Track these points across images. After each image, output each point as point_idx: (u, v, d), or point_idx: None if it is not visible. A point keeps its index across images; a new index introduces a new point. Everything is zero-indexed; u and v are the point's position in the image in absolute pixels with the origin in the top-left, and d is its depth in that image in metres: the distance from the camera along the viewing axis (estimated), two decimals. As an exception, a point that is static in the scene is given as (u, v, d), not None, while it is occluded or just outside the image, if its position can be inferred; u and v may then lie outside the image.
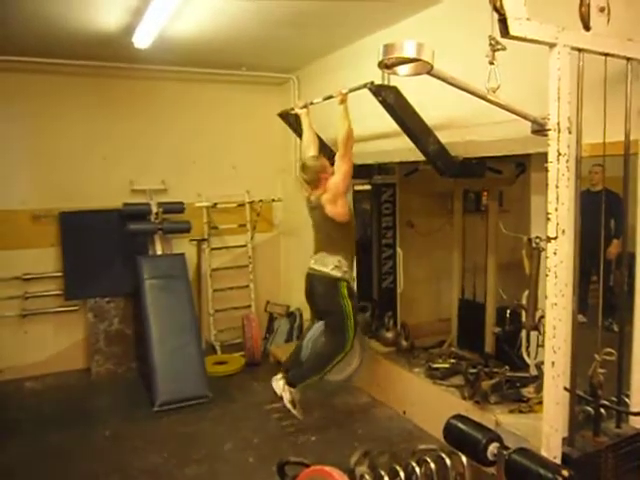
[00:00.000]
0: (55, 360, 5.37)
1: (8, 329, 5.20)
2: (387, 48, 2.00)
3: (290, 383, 3.93)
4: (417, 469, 2.85)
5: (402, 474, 2.80)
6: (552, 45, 2.18)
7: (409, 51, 1.96)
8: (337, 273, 3.88)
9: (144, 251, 5.47)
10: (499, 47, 2.12)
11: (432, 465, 2.86)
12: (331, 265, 3.89)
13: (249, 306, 6.10)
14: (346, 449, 3.45)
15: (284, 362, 4.45)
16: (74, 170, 5.37)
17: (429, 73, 2.05)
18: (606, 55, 2.38)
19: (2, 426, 4.24)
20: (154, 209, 5.44)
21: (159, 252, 5.46)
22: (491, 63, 2.17)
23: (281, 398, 3.92)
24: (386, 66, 2.12)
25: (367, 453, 3.11)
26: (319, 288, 3.99)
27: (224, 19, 4.00)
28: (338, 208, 3.85)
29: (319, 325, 4.16)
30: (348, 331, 3.90)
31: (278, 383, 3.96)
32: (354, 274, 4.20)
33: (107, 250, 5.43)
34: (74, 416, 4.41)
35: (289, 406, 3.89)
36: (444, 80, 2.13)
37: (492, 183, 4.57)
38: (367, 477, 2.81)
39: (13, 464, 3.68)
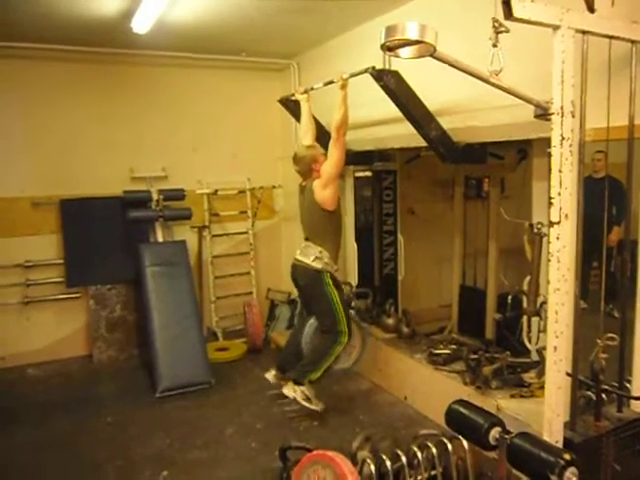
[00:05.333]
0: (57, 347, 5.39)
1: (10, 316, 5.22)
2: (389, 30, 1.98)
3: (296, 382, 3.95)
4: (419, 454, 2.86)
5: (404, 459, 2.82)
6: (556, 27, 2.15)
7: (412, 33, 1.93)
8: (318, 265, 3.89)
9: (145, 238, 5.48)
10: (502, 29, 2.10)
11: (434, 450, 2.87)
12: (312, 256, 3.91)
13: (250, 293, 6.10)
14: (348, 434, 3.48)
15: (277, 360, 4.47)
16: (74, 157, 5.35)
17: (432, 55, 2.03)
18: (610, 38, 2.36)
19: (5, 413, 4.26)
20: (155, 196, 5.43)
21: (160, 239, 5.45)
22: (494, 46, 2.14)
23: (295, 399, 3.92)
24: (388, 48, 2.10)
25: (369, 438, 3.13)
26: (303, 279, 4.02)
27: (223, 4, 3.96)
28: (327, 194, 3.84)
29: (312, 322, 4.17)
30: (340, 321, 3.92)
31: (287, 390, 3.95)
32: (339, 266, 4.19)
33: (108, 237, 5.43)
34: (76, 403, 4.43)
35: (305, 404, 3.90)
36: (447, 63, 2.11)
37: (494, 169, 4.56)
38: (369, 462, 2.83)
39: (16, 451, 3.70)
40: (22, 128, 5.17)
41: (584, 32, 2.28)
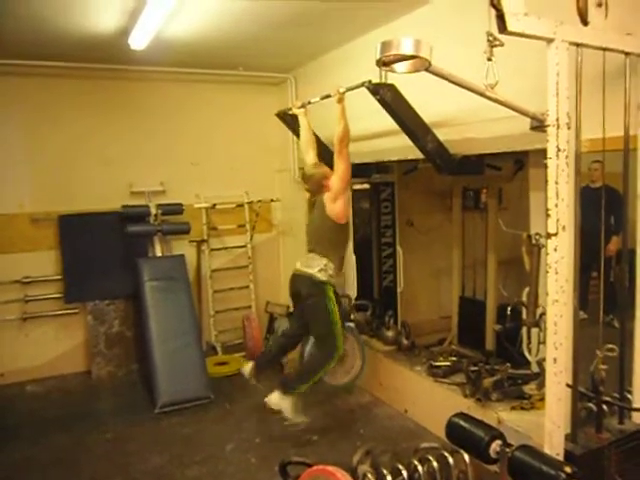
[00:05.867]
0: (56, 363, 5.36)
1: (9, 332, 5.20)
2: (385, 45, 1.99)
3: (284, 392, 3.89)
4: (419, 467, 2.85)
5: (405, 473, 2.80)
6: (550, 40, 2.17)
7: (407, 48, 1.95)
8: (322, 276, 3.86)
9: (144, 253, 5.47)
10: (497, 43, 2.12)
11: (434, 463, 2.85)
12: (317, 267, 3.88)
13: (249, 307, 6.09)
14: (348, 448, 3.45)
15: (258, 357, 4.43)
16: (72, 173, 5.37)
17: (427, 70, 2.04)
18: (604, 50, 2.37)
19: (3, 429, 4.23)
20: (153, 211, 5.43)
21: (159, 254, 5.45)
22: (489, 59, 2.16)
23: (280, 411, 3.86)
24: (384, 63, 2.11)
25: (369, 452, 3.11)
26: (304, 290, 3.95)
27: (220, 20, 3.99)
28: (338, 207, 3.86)
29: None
30: (336, 337, 3.87)
31: (271, 398, 3.89)
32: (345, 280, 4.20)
33: (107, 252, 5.42)
34: (75, 419, 4.40)
35: (290, 416, 3.86)
36: (442, 77, 2.12)
37: (491, 180, 4.57)
38: (369, 476, 2.81)
39: (15, 468, 3.67)
40: (21, 144, 5.18)
41: (578, 44, 2.30)
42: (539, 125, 2.27)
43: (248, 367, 4.23)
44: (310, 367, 3.99)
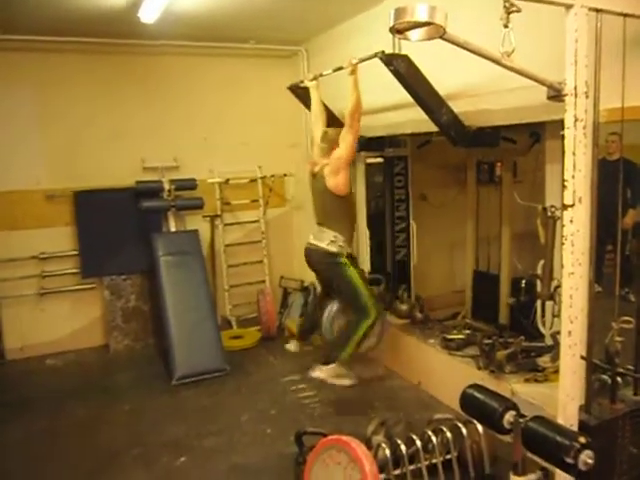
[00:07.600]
0: (74, 337, 5.45)
1: (27, 307, 5.28)
2: (398, 12, 1.94)
3: (325, 362, 3.95)
4: (433, 438, 2.88)
5: (418, 443, 2.83)
6: (569, 6, 2.11)
7: (421, 14, 1.90)
8: (333, 248, 3.93)
9: (158, 228, 5.51)
10: (514, 9, 2.06)
11: (448, 434, 2.88)
12: (327, 240, 3.95)
13: (263, 281, 6.12)
14: (362, 419, 3.49)
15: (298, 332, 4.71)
16: (87, 149, 5.38)
17: (442, 37, 2.00)
18: (625, 16, 2.31)
19: (24, 402, 4.33)
20: (166, 186, 5.44)
21: (173, 229, 5.48)
22: (505, 26, 2.10)
23: (325, 381, 3.92)
24: (397, 31, 2.07)
25: (383, 423, 3.15)
26: (319, 264, 4.08)
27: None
28: (339, 180, 3.86)
29: (333, 304, 4.18)
30: (363, 298, 3.91)
31: (315, 372, 3.92)
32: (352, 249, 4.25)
33: (121, 228, 5.46)
34: (94, 391, 4.50)
35: (336, 382, 3.92)
36: (457, 44, 2.07)
37: (506, 153, 4.51)
38: (384, 446, 2.85)
39: (34, 439, 3.77)
40: (35, 121, 5.19)
41: (597, 10, 2.24)
42: (556, 94, 2.23)
43: (293, 345, 4.58)
44: (346, 332, 4.02)
